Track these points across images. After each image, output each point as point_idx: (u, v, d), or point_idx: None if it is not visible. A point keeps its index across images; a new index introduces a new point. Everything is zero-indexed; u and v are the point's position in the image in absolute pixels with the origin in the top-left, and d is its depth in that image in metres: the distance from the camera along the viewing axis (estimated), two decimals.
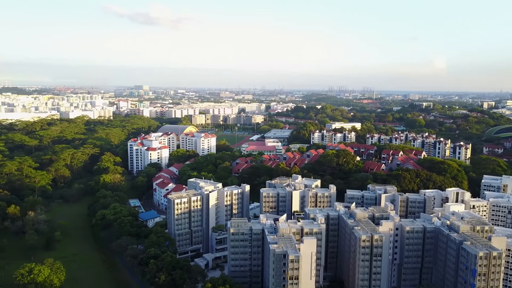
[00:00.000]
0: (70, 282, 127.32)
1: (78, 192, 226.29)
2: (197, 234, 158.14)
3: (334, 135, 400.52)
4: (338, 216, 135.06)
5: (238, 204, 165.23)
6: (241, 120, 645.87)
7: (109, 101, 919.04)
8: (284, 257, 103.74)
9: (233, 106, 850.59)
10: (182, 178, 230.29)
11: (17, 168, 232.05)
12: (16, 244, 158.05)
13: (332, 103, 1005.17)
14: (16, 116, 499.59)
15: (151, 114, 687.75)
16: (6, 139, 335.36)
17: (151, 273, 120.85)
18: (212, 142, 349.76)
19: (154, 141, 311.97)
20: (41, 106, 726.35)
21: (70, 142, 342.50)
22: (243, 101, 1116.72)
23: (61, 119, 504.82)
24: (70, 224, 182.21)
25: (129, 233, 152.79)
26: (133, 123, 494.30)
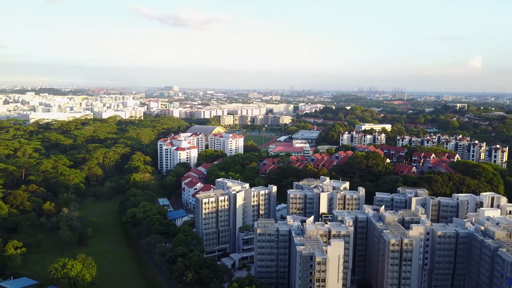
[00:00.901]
0: (101, 278, 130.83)
1: (109, 190, 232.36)
2: (224, 233, 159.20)
3: (363, 137, 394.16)
4: (367, 219, 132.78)
5: (265, 205, 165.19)
6: (268, 121, 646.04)
7: (140, 102, 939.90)
8: (311, 259, 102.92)
9: (261, 107, 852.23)
10: (210, 178, 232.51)
11: (53, 166, 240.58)
12: (51, 239, 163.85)
13: (361, 104, 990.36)
14: (52, 116, 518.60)
15: (180, 114, 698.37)
16: (43, 138, 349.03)
17: (178, 271, 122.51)
18: (240, 143, 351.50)
19: (183, 141, 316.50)
20: (76, 106, 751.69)
21: (103, 142, 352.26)
22: (271, 102, 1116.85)
23: (94, 119, 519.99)
24: (102, 221, 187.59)
25: (157, 231, 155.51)
26: (163, 123, 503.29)
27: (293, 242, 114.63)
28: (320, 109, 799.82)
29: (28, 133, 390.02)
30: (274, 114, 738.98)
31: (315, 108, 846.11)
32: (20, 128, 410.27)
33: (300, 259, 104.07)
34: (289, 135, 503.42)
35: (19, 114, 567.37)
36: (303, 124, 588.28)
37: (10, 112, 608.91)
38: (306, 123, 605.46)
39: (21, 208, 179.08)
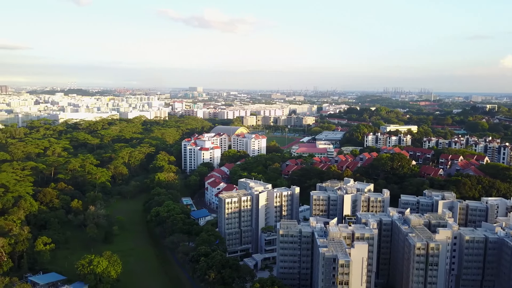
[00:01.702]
0: (126, 275, 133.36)
1: (134, 189, 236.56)
2: (246, 234, 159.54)
3: (388, 138, 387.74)
4: (392, 222, 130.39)
5: (288, 206, 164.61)
6: (291, 122, 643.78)
7: (164, 102, 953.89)
8: (334, 261, 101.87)
9: (284, 108, 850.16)
10: (233, 178, 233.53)
11: (80, 165, 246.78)
12: (78, 236, 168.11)
13: (387, 105, 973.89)
14: (80, 116, 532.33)
15: (204, 115, 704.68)
16: (71, 137, 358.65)
17: (201, 270, 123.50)
18: (263, 143, 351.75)
19: (206, 141, 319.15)
20: (103, 106, 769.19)
21: (128, 141, 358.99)
22: (294, 103, 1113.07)
23: (121, 119, 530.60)
24: (127, 219, 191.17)
25: (181, 230, 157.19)
26: (187, 124, 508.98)
27: (316, 244, 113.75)
28: (344, 110, 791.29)
29: (58, 132, 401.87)
30: (298, 114, 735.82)
31: (339, 108, 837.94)
32: (50, 128, 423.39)
33: (323, 261, 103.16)
34: (312, 136, 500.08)
35: (49, 114, 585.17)
36: (326, 125, 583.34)
37: (40, 112, 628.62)
38: (330, 124, 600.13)
39: (50, 206, 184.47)
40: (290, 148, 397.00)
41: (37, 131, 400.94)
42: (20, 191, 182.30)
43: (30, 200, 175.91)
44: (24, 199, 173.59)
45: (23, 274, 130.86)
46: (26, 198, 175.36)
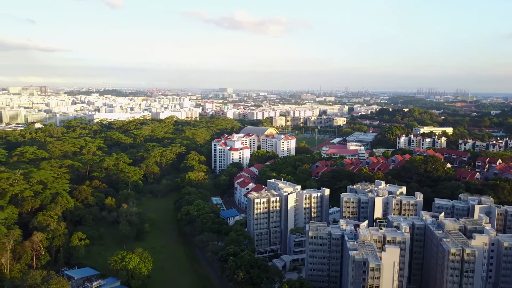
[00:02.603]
0: (156, 272, 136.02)
1: (165, 188, 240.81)
2: (275, 234, 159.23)
3: (422, 140, 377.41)
4: (425, 226, 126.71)
5: (317, 208, 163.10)
6: (322, 123, 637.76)
7: (195, 103, 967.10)
8: (364, 265, 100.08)
9: (314, 108, 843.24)
10: (262, 179, 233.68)
11: (114, 164, 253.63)
12: (111, 233, 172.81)
13: (420, 106, 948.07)
14: (114, 116, 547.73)
15: (234, 115, 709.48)
16: (105, 136, 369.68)
17: (230, 269, 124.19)
18: (292, 144, 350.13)
19: (236, 141, 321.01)
20: (136, 107, 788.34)
21: (160, 141, 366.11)
22: (325, 103, 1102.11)
23: (153, 119, 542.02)
24: (158, 217, 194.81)
25: (210, 230, 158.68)
26: (217, 124, 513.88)
27: (346, 247, 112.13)
28: (376, 111, 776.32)
29: (93, 132, 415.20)
30: (328, 115, 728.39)
31: (370, 109, 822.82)
32: (85, 127, 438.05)
33: (352, 264, 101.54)
34: (343, 137, 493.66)
35: (85, 114, 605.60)
36: (358, 126, 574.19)
37: (77, 112, 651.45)
38: (361, 125, 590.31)
39: (85, 202, 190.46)
40: (320, 149, 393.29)
41: (73, 131, 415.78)
42: (58, 188, 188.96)
43: (67, 196, 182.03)
44: (61, 195, 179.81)
45: (59, 268, 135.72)
46: (63, 194, 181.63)
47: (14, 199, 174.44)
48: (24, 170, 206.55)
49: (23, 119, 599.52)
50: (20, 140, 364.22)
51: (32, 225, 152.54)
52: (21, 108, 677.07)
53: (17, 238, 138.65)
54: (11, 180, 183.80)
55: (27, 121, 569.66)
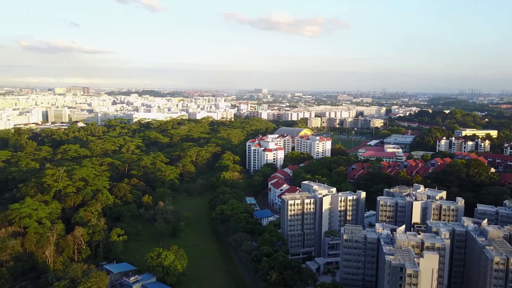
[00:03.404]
0: (191, 270, 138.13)
1: (201, 187, 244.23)
2: (309, 237, 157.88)
3: (464, 143, 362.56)
4: (466, 233, 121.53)
5: (353, 211, 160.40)
6: (358, 124, 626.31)
7: (231, 104, 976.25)
8: (401, 270, 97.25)
9: (351, 109, 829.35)
10: (296, 180, 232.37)
11: (151, 162, 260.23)
12: (148, 230, 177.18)
13: (462, 107, 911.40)
14: (152, 116, 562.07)
15: (268, 116, 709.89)
16: (143, 136, 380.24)
17: (263, 270, 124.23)
18: (327, 146, 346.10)
19: (270, 142, 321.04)
20: (173, 107, 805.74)
21: (196, 141, 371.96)
22: (361, 104, 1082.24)
23: (189, 119, 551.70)
24: (193, 215, 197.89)
25: (244, 229, 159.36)
26: (251, 125, 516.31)
27: (382, 251, 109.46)
28: (415, 113, 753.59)
29: (132, 131, 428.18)
30: (365, 117, 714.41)
31: (409, 111, 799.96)
32: (125, 127, 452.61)
33: (389, 269, 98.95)
34: (380, 139, 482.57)
35: (125, 114, 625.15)
36: (396, 128, 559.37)
37: (117, 112, 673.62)
38: (400, 127, 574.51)
39: (124, 200, 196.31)
40: (357, 151, 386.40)
41: (113, 130, 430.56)
42: (98, 185, 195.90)
43: (107, 193, 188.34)
44: (101, 192, 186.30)
45: (99, 262, 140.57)
46: (103, 191, 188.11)
47: (58, 194, 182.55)
48: (67, 167, 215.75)
49: (67, 118, 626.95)
50: (64, 138, 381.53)
51: (74, 220, 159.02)
52: (65, 107, 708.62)
53: (60, 232, 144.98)
54: (55, 177, 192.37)
55: (70, 120, 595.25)
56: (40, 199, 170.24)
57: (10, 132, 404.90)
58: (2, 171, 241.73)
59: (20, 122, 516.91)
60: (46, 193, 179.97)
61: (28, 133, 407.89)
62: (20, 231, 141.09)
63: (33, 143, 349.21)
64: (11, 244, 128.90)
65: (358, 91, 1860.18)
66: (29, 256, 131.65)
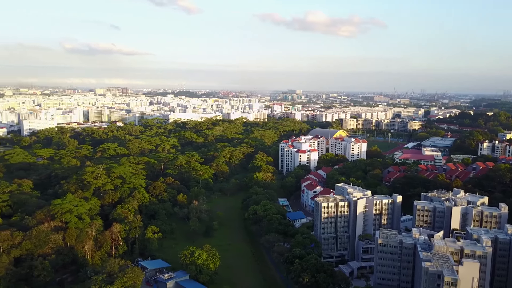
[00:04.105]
0: (223, 269, 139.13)
1: (234, 187, 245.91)
2: (342, 240, 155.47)
3: (508, 147, 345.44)
4: (510, 241, 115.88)
5: (388, 215, 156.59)
6: (395, 126, 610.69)
7: (264, 105, 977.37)
8: (438, 278, 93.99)
9: (387, 111, 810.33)
10: (330, 182, 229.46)
11: (186, 162, 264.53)
12: (182, 228, 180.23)
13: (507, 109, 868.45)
14: (187, 116, 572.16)
15: (302, 117, 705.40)
16: (179, 136, 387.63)
17: (295, 272, 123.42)
18: (363, 148, 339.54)
19: (304, 143, 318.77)
20: (208, 107, 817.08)
21: (230, 141, 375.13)
22: (399, 106, 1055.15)
23: (223, 120, 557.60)
24: (226, 215, 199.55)
25: (276, 230, 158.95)
26: (285, 126, 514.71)
27: (418, 257, 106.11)
28: (455, 115, 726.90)
29: (168, 131, 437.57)
30: (402, 118, 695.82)
31: (449, 113, 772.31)
32: (161, 127, 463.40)
33: (426, 276, 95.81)
34: (418, 142, 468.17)
35: (161, 114, 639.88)
36: (434, 130, 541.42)
37: (154, 112, 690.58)
38: (439, 129, 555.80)
39: (159, 198, 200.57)
40: (393, 153, 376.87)
41: (150, 129, 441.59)
42: (135, 183, 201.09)
43: (143, 191, 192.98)
44: (138, 190, 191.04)
45: (134, 258, 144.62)
46: (139, 189, 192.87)
47: (97, 191, 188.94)
48: (106, 165, 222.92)
49: (107, 118, 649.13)
50: (104, 137, 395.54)
51: (112, 217, 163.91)
52: (105, 107, 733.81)
53: (99, 228, 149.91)
54: (95, 174, 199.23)
55: (110, 120, 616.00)
56: (81, 195, 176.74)
57: (54, 131, 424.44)
58: (46, 168, 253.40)
59: (63, 121, 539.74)
60: (86, 190, 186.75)
61: (70, 132, 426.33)
62: (61, 225, 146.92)
63: (74, 142, 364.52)
64: (53, 238, 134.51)
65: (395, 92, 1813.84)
66: (70, 250, 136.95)
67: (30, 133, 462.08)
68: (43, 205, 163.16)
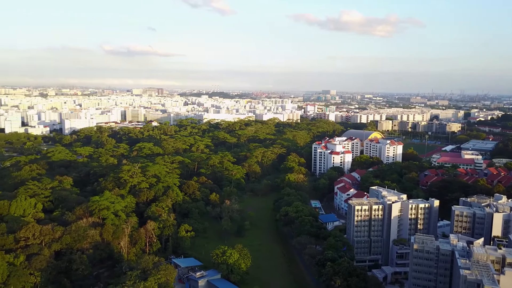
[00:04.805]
0: (254, 269, 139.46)
1: (265, 188, 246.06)
2: (376, 244, 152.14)
3: None
4: None
5: (424, 220, 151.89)
6: (433, 128, 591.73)
7: (297, 105, 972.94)
8: (477, 287, 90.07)
9: (425, 113, 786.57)
10: (364, 185, 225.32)
11: (219, 162, 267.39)
12: (214, 227, 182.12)
13: None
14: (221, 117, 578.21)
15: (336, 118, 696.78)
16: (212, 136, 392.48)
17: (327, 275, 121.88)
18: (398, 150, 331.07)
19: (337, 145, 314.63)
20: (241, 108, 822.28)
21: (262, 142, 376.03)
22: (437, 107, 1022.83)
23: (256, 121, 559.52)
24: (257, 215, 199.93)
25: (308, 233, 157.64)
26: (318, 127, 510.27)
27: (456, 264, 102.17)
28: (498, 117, 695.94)
29: (201, 131, 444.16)
30: (440, 120, 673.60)
31: (491, 115, 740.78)
32: (195, 127, 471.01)
33: (464, 284, 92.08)
34: (457, 145, 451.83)
35: (195, 114, 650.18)
36: (475, 133, 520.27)
37: (188, 112, 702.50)
38: (479, 132, 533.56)
39: (193, 197, 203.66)
40: (430, 156, 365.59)
41: (184, 129, 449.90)
42: (169, 182, 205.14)
43: (177, 190, 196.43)
44: (172, 189, 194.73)
45: (168, 256, 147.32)
46: (173, 188, 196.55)
47: (132, 189, 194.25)
48: (141, 164, 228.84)
49: (143, 117, 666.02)
50: (140, 136, 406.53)
51: (147, 214, 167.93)
52: (141, 107, 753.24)
53: (134, 225, 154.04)
54: (131, 173, 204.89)
55: (145, 120, 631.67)
56: (117, 193, 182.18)
57: (93, 130, 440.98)
58: (85, 165, 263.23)
59: (101, 120, 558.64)
60: (123, 188, 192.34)
61: (108, 131, 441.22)
62: (99, 221, 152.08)
63: (112, 141, 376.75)
64: (91, 234, 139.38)
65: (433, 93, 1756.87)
66: (106, 246, 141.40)
67: (71, 131, 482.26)
68: (82, 202, 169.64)
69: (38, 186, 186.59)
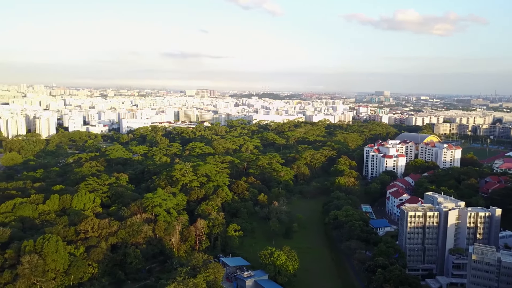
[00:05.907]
0: (302, 272, 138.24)
1: (314, 190, 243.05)
2: (430, 252, 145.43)
3: None
4: None
5: (484, 229, 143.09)
6: (495, 132, 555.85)
7: (349, 107, 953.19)
8: None
9: (486, 115, 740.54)
10: (418, 190, 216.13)
11: (268, 162, 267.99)
12: (262, 228, 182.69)
13: None
14: (270, 118, 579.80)
15: (390, 120, 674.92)
16: (261, 137, 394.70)
17: (377, 282, 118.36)
18: (456, 155, 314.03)
19: (391, 148, 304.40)
20: (290, 109, 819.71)
21: (311, 143, 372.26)
22: (500, 110, 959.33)
23: (306, 122, 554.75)
24: (305, 218, 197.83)
25: (358, 237, 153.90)
26: (371, 129, 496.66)
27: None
28: None
29: (251, 132, 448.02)
30: (504, 124, 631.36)
31: None
32: (245, 127, 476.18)
33: None
34: None
35: (245, 115, 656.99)
36: None
37: (238, 113, 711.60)
38: None
39: (241, 197, 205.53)
40: (492, 162, 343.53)
41: (235, 130, 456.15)
42: (219, 181, 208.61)
43: (226, 190, 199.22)
44: (222, 188, 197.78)
45: (216, 254, 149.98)
46: (223, 187, 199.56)
47: (184, 188, 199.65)
48: (193, 163, 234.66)
49: (195, 118, 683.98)
50: (192, 136, 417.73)
51: (197, 213, 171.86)
52: (194, 108, 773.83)
53: (184, 222, 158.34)
54: (183, 171, 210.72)
55: (198, 120, 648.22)
56: (169, 190, 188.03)
57: (148, 129, 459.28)
58: (140, 163, 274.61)
59: (156, 120, 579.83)
60: (175, 186, 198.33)
61: (162, 131, 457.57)
62: (152, 218, 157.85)
63: (165, 140, 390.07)
64: (144, 229, 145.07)
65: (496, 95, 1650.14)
66: (158, 241, 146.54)
67: (127, 131, 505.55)
68: (136, 198, 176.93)
69: (97, 182, 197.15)
